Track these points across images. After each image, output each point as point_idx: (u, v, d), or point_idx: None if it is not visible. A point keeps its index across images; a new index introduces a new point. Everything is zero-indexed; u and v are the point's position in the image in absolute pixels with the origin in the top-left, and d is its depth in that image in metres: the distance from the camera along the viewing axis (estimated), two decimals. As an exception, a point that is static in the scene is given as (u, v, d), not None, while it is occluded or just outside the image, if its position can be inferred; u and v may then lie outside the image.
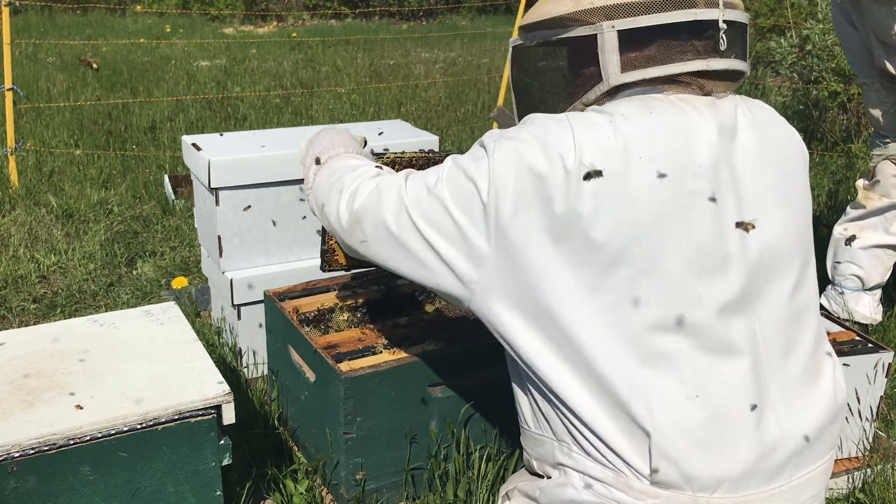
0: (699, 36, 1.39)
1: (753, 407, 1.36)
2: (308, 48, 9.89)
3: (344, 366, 1.99)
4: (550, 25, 1.46)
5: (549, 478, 1.52)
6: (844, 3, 2.79)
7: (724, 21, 1.39)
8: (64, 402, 1.67)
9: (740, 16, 1.43)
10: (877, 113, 2.92)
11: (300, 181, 2.65)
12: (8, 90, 4.57)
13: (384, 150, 2.36)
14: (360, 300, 2.45)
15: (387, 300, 2.48)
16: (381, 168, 1.63)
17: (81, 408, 1.65)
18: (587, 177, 1.31)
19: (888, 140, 2.92)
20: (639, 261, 1.32)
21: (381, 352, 2.09)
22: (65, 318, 2.84)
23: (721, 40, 1.38)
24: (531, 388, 1.48)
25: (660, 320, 1.32)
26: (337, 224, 1.59)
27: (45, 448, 1.56)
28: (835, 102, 5.81)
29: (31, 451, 1.55)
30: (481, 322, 1.48)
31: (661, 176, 1.33)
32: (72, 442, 1.58)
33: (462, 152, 1.51)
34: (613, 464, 1.36)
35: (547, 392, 1.42)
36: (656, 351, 1.33)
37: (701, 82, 1.42)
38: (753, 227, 1.38)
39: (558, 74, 1.52)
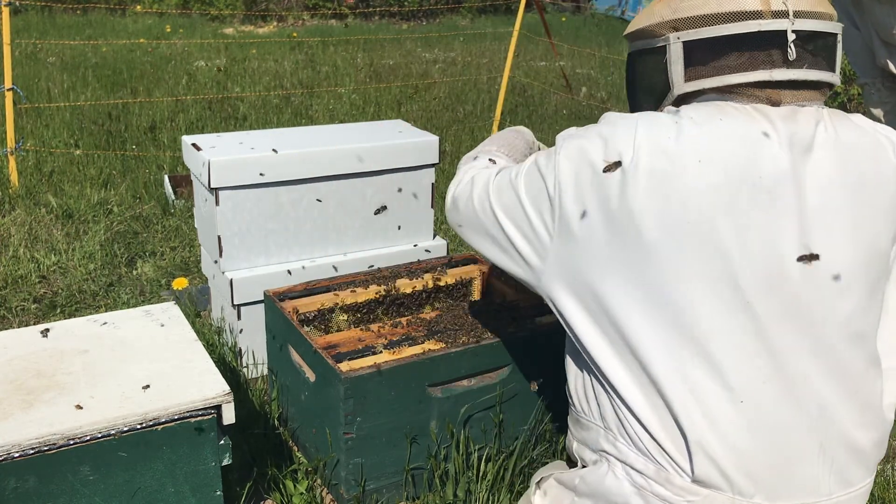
0: (765, 47, 1.38)
1: (796, 419, 1.36)
2: (308, 48, 9.89)
3: (344, 366, 1.98)
4: (637, 37, 1.54)
5: (584, 466, 1.54)
6: (846, 2, 2.79)
7: (795, 31, 1.37)
8: (64, 402, 1.67)
9: (821, 25, 1.40)
10: (878, 113, 2.92)
11: (300, 181, 2.65)
12: (8, 90, 4.57)
13: None
14: (360, 300, 2.45)
15: (387, 300, 2.48)
16: (494, 161, 1.73)
17: (81, 408, 1.65)
18: (608, 169, 1.35)
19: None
20: (689, 263, 1.33)
21: (381, 352, 2.09)
22: (65, 318, 2.84)
23: (789, 50, 1.37)
24: (587, 371, 1.51)
25: (709, 323, 1.33)
26: (447, 208, 1.71)
27: (45, 448, 1.56)
28: (835, 102, 5.81)
29: (31, 451, 1.55)
30: (481, 322, 1.49)
31: (719, 181, 1.33)
32: (72, 442, 1.58)
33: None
34: (656, 458, 1.38)
35: (601, 379, 1.45)
36: (704, 353, 1.34)
37: (768, 93, 1.40)
38: (817, 257, 1.35)
39: (643, 82, 1.57)
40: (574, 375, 1.56)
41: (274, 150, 2.61)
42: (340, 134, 2.85)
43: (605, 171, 1.36)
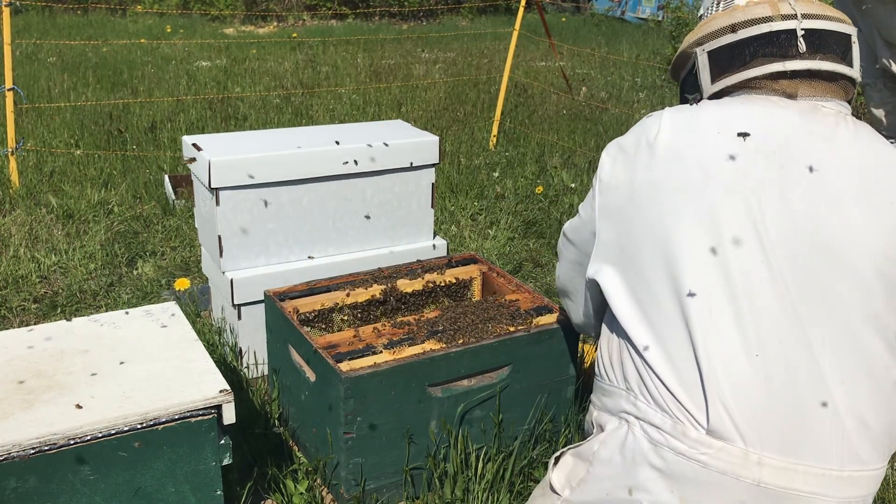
0: (778, 44, 1.56)
1: (809, 384, 1.40)
2: (308, 48, 9.89)
3: (344, 366, 1.99)
4: (676, 66, 1.80)
5: (602, 431, 1.59)
6: (848, 2, 2.79)
7: (804, 29, 1.55)
8: (64, 402, 1.67)
9: (831, 25, 1.57)
10: (879, 113, 2.92)
11: (300, 181, 2.65)
12: (8, 90, 4.57)
13: None
14: (360, 300, 2.45)
15: (387, 300, 2.48)
16: None
17: (81, 407, 1.65)
18: (660, 153, 1.52)
19: (891, 140, 2.91)
20: (702, 225, 1.45)
21: (381, 352, 2.09)
22: (65, 318, 2.84)
23: (799, 43, 1.55)
24: (617, 336, 1.60)
25: (730, 280, 1.42)
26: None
27: (46, 448, 1.56)
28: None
29: (32, 451, 1.55)
30: (481, 322, 1.50)
31: (736, 150, 1.48)
32: (72, 442, 1.58)
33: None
34: (673, 411, 1.43)
35: (627, 341, 1.55)
36: (726, 305, 1.41)
37: (783, 84, 1.56)
38: (832, 237, 1.43)
39: (688, 96, 1.78)
40: (607, 341, 1.65)
41: (274, 150, 2.60)
42: (340, 134, 2.85)
43: (636, 152, 1.56)
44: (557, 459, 1.67)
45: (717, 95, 1.64)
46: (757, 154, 1.48)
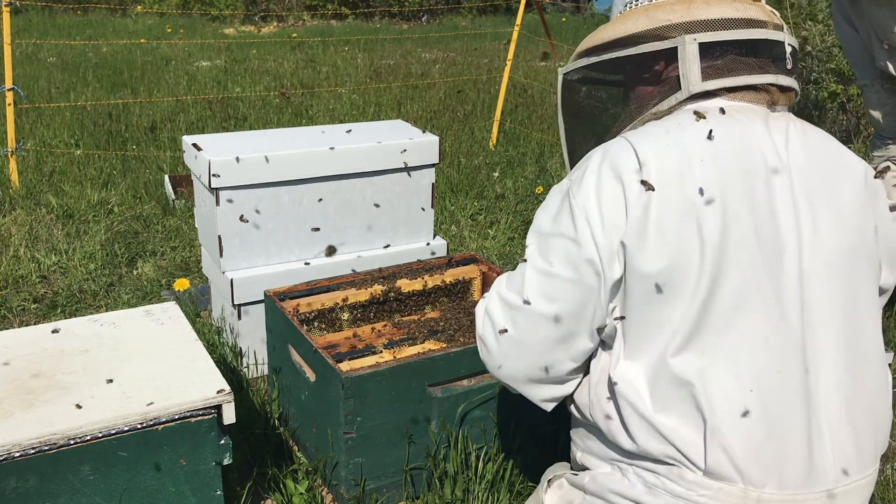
0: (768, 54, 1.50)
1: (805, 411, 1.38)
2: (308, 48, 9.89)
3: (344, 366, 1.99)
4: (627, 42, 1.54)
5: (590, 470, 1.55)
6: (844, 4, 2.79)
7: (789, 44, 1.51)
8: (64, 402, 1.67)
9: (795, 42, 1.54)
10: (877, 114, 2.92)
11: (300, 181, 2.65)
12: (8, 90, 4.57)
13: None
14: (361, 300, 2.45)
15: (387, 300, 2.49)
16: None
17: (81, 407, 1.65)
18: (647, 187, 1.38)
19: (889, 142, 2.92)
20: (703, 260, 1.37)
21: (381, 352, 2.09)
22: (65, 318, 2.84)
23: (788, 59, 1.50)
24: (594, 381, 1.52)
25: (724, 314, 1.37)
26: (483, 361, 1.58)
27: (46, 448, 1.56)
28: (834, 103, 5.81)
29: (32, 451, 1.55)
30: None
31: (721, 175, 1.40)
32: (72, 442, 1.59)
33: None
34: (668, 455, 1.40)
35: (609, 384, 1.47)
36: (717, 343, 1.37)
37: (772, 91, 1.51)
38: (814, 242, 1.42)
39: (628, 89, 1.61)
40: (584, 387, 1.56)
41: (274, 150, 2.61)
42: (340, 134, 2.85)
43: (645, 187, 1.38)
44: (551, 481, 1.64)
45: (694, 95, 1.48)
46: (745, 175, 1.41)
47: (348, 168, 2.70)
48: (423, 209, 2.89)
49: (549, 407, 1.58)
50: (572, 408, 1.59)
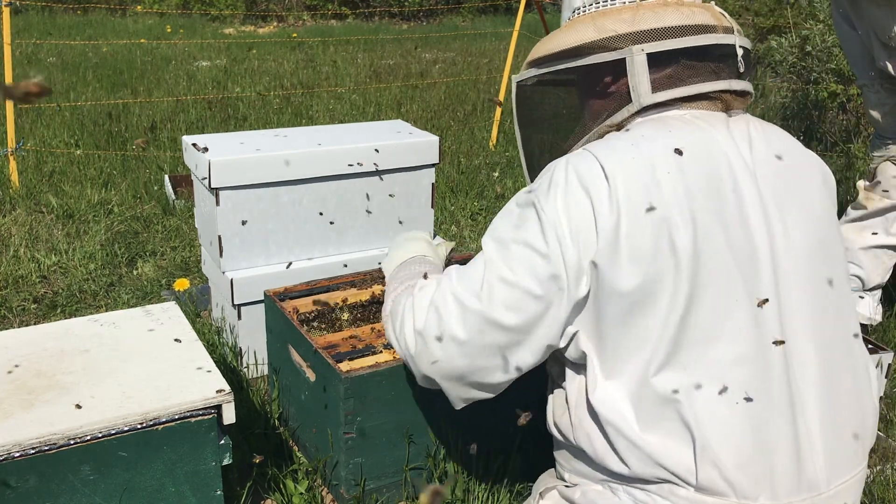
0: (720, 59, 1.46)
1: (790, 417, 1.37)
2: (308, 48, 9.89)
3: (344, 366, 1.99)
4: (573, 54, 1.50)
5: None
6: (844, 4, 2.79)
7: (740, 46, 1.47)
8: (64, 402, 1.67)
9: (748, 43, 1.51)
10: (877, 114, 2.92)
11: (300, 181, 2.65)
12: (8, 90, 4.56)
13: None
14: (361, 300, 2.45)
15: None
16: (425, 278, 1.58)
17: (81, 407, 1.65)
18: (621, 211, 1.35)
19: (889, 141, 2.92)
20: (678, 276, 1.34)
21: (381, 352, 2.09)
22: (65, 318, 2.84)
23: (740, 63, 1.47)
24: (576, 405, 1.49)
25: (700, 334, 1.35)
26: (406, 352, 1.54)
27: (46, 448, 1.56)
28: (834, 103, 5.81)
29: (32, 451, 1.55)
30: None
31: (691, 188, 1.37)
32: (72, 442, 1.59)
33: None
34: (657, 474, 1.38)
35: (592, 408, 1.44)
36: (700, 361, 1.35)
37: (725, 97, 1.48)
38: (786, 244, 1.42)
39: (583, 100, 1.56)
40: (562, 410, 1.54)
41: (274, 150, 2.60)
42: (340, 134, 2.85)
43: (595, 209, 1.35)
44: (543, 493, 1.63)
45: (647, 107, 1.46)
46: (710, 183, 1.38)
47: (348, 168, 2.70)
48: (423, 209, 2.89)
49: (460, 406, 1.57)
50: (554, 430, 1.57)
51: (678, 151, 1.39)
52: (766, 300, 1.38)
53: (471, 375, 1.49)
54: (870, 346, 2.16)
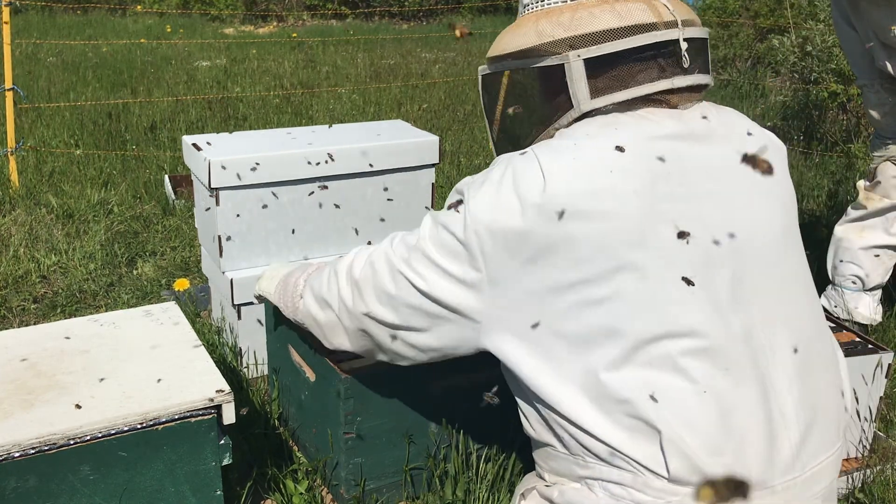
0: (662, 56, 1.43)
1: (760, 400, 1.38)
2: (308, 48, 9.89)
3: (344, 366, 1.99)
4: (517, 57, 1.51)
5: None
6: (844, 4, 2.79)
7: (685, 39, 1.44)
8: (64, 402, 1.67)
9: (699, 31, 1.48)
10: (877, 114, 2.92)
11: (300, 181, 2.65)
12: (8, 90, 4.57)
13: None
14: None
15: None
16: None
17: (81, 407, 1.65)
18: (559, 213, 1.35)
19: (889, 141, 2.92)
20: (625, 272, 1.35)
21: (381, 352, 2.09)
22: (65, 318, 2.84)
23: (684, 58, 1.43)
24: (539, 405, 1.50)
25: (656, 327, 1.35)
26: (340, 305, 1.64)
27: (46, 448, 1.56)
28: (834, 103, 5.81)
29: (32, 451, 1.55)
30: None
31: (636, 185, 1.37)
32: (72, 442, 1.58)
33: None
34: (630, 468, 1.38)
35: (555, 411, 1.45)
36: (658, 355, 1.35)
37: (668, 98, 1.46)
38: (736, 234, 1.42)
39: (529, 103, 1.57)
40: (528, 412, 1.55)
41: (274, 150, 2.60)
42: (340, 134, 2.85)
43: (555, 213, 1.36)
44: (525, 494, 1.63)
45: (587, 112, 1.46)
46: (655, 181, 1.38)
47: (348, 168, 2.70)
48: (422, 209, 2.89)
49: (404, 363, 1.69)
50: (530, 431, 1.58)
51: (619, 149, 1.38)
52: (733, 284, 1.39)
53: (400, 334, 1.58)
54: (870, 346, 2.16)
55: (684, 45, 1.43)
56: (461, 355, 1.58)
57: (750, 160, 1.47)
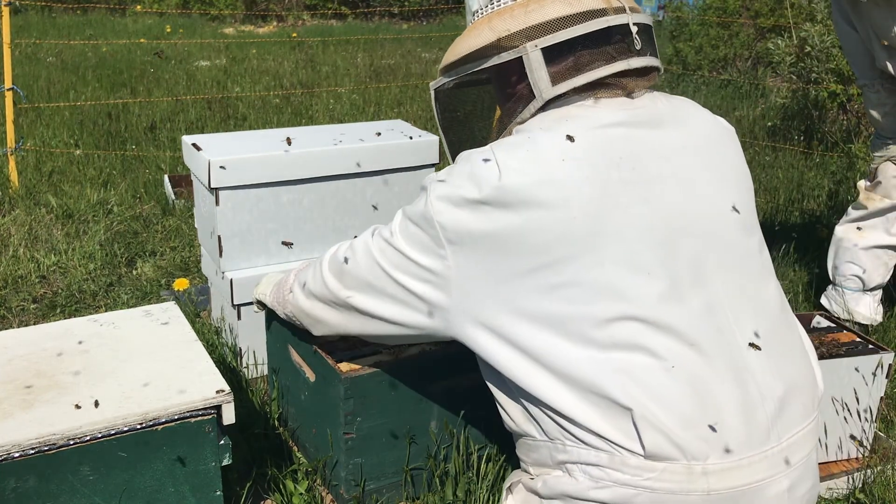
0: (614, 40, 1.49)
1: (730, 373, 1.41)
2: (308, 48, 9.89)
3: (344, 366, 1.99)
4: (475, 58, 1.56)
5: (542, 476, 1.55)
6: (844, 4, 2.79)
7: (635, 24, 1.50)
8: (64, 402, 1.67)
9: (646, 18, 1.55)
10: (877, 114, 2.92)
11: (300, 181, 2.65)
12: (8, 90, 4.57)
13: None
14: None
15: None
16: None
17: (81, 407, 1.65)
18: (514, 202, 1.40)
19: (889, 141, 2.92)
20: (583, 257, 1.39)
21: (380, 352, 2.09)
22: (65, 318, 2.84)
23: (635, 40, 1.50)
24: (517, 395, 1.54)
25: (616, 309, 1.39)
26: (325, 292, 1.73)
27: (45, 448, 1.56)
28: (834, 103, 5.81)
29: (31, 451, 1.55)
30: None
31: (588, 173, 1.41)
32: (72, 442, 1.58)
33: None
34: (606, 448, 1.40)
35: (529, 396, 1.48)
36: (623, 334, 1.39)
37: (624, 82, 1.51)
38: (701, 212, 1.47)
39: (490, 102, 1.64)
40: (506, 403, 1.58)
41: (274, 150, 2.61)
42: (340, 134, 2.85)
43: (482, 201, 1.42)
44: (511, 487, 1.65)
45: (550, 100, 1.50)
46: (609, 169, 1.43)
47: (348, 168, 2.70)
48: (423, 209, 2.89)
49: (324, 335, 1.83)
50: (511, 424, 1.60)
51: (570, 138, 1.43)
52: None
53: (378, 321, 1.64)
54: (870, 346, 2.16)
55: (634, 29, 1.49)
56: (439, 340, 1.63)
57: (701, 143, 1.53)
